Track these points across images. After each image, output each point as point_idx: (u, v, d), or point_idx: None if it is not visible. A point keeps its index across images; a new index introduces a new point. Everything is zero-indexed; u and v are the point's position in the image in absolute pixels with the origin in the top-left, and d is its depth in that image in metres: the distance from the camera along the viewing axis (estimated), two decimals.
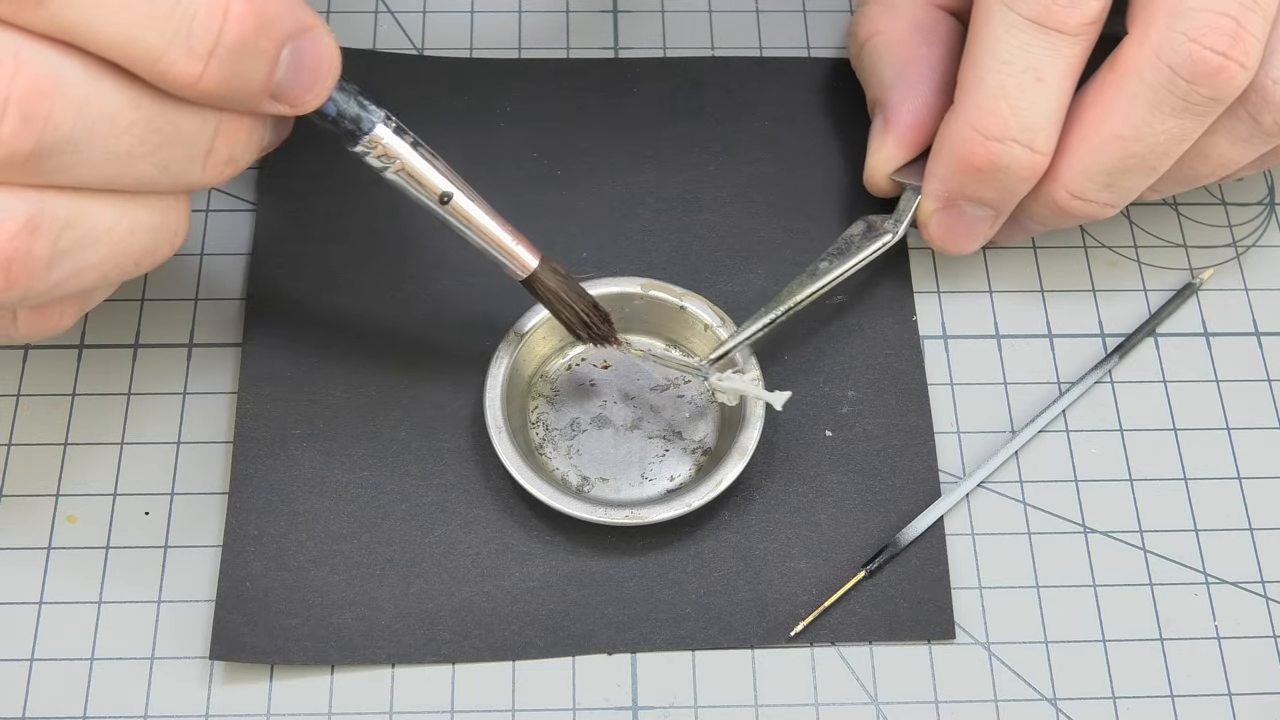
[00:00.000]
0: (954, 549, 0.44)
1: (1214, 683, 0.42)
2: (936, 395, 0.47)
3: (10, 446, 0.45)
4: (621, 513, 0.42)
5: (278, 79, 0.34)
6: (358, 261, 0.48)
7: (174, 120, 0.34)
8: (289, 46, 0.34)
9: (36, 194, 0.33)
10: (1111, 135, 0.42)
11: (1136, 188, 0.44)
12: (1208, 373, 0.48)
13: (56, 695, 0.41)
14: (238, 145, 0.35)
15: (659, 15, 0.54)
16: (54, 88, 0.32)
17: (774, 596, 0.43)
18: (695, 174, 0.50)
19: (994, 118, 0.42)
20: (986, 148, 0.43)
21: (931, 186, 0.45)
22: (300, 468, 0.44)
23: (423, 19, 0.54)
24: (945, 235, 0.46)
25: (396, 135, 0.38)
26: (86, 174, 0.33)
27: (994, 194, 0.44)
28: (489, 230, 0.40)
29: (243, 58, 0.33)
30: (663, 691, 0.42)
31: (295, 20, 0.34)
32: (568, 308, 0.42)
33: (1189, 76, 0.40)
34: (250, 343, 0.46)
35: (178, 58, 0.32)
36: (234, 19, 0.32)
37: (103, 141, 0.33)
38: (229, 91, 0.33)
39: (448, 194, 0.39)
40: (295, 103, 0.35)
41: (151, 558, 0.43)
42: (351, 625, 0.42)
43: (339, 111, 0.37)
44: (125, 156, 0.33)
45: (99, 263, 0.35)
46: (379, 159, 0.38)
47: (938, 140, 0.45)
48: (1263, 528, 0.45)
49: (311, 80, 0.35)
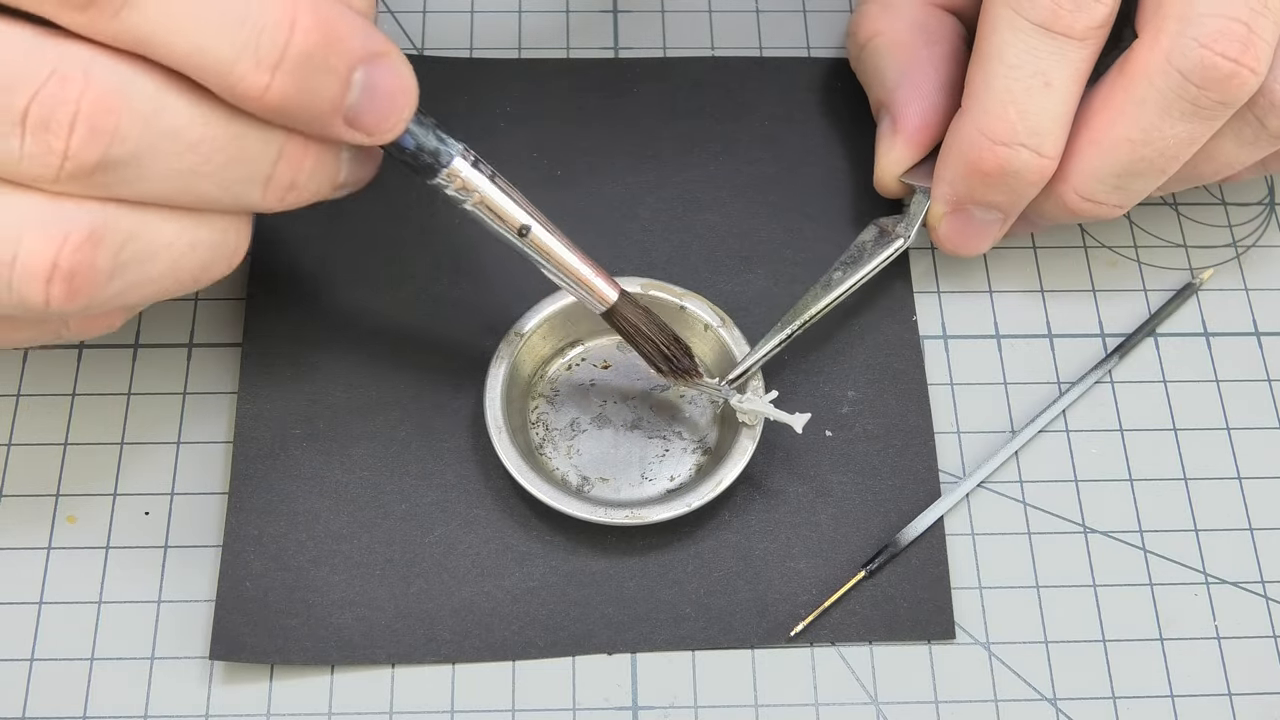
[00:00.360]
0: (954, 549, 0.44)
1: (1214, 683, 0.42)
2: (936, 395, 0.47)
3: (10, 446, 0.45)
4: (621, 513, 0.42)
5: (350, 102, 0.34)
6: (358, 261, 0.48)
7: (239, 139, 0.34)
8: (361, 69, 0.34)
9: (100, 206, 0.34)
10: (1121, 139, 0.42)
11: (1145, 189, 0.44)
12: (1208, 373, 0.48)
13: (56, 695, 0.41)
14: (301, 172, 0.36)
15: (659, 15, 0.54)
16: (122, 102, 0.32)
17: (774, 596, 0.43)
18: (695, 174, 0.50)
19: (1002, 123, 0.42)
20: (995, 153, 0.43)
21: (940, 190, 0.45)
22: (300, 468, 0.44)
23: (423, 19, 0.54)
24: (955, 238, 0.46)
25: (475, 169, 0.39)
26: (150, 189, 0.34)
27: (1002, 198, 0.44)
28: (568, 263, 0.41)
29: (310, 72, 0.33)
30: (663, 691, 0.42)
31: (366, 44, 0.34)
32: (648, 341, 0.42)
33: (1199, 82, 0.40)
34: (250, 343, 0.46)
35: (246, 69, 0.33)
36: (300, 31, 0.33)
37: (167, 157, 0.33)
38: (296, 106, 0.34)
39: (526, 227, 0.40)
40: (371, 130, 0.35)
41: (151, 558, 0.43)
42: (351, 625, 0.42)
43: (418, 145, 0.37)
44: (189, 174, 0.34)
45: (158, 277, 0.35)
46: (457, 192, 0.39)
47: (946, 144, 0.45)
48: (1263, 528, 0.45)
49: (387, 108, 0.35)
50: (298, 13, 0.33)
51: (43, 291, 0.33)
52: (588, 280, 0.41)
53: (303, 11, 0.33)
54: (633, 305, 0.42)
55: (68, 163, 0.32)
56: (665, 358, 0.43)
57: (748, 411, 0.43)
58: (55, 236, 0.33)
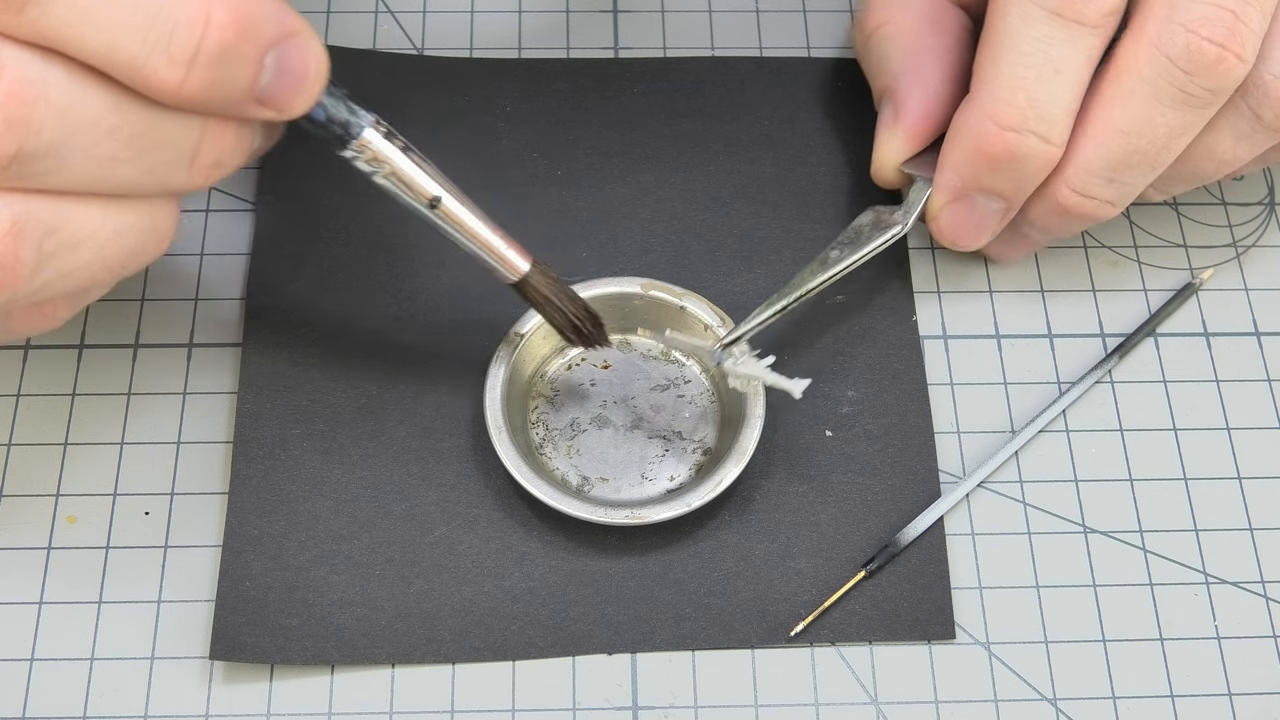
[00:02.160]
0: (954, 549, 0.44)
1: (1214, 683, 0.42)
2: (936, 395, 0.47)
3: (10, 446, 0.45)
4: (621, 513, 0.42)
5: (262, 85, 0.34)
6: (358, 261, 0.48)
7: (158, 125, 0.34)
8: (273, 52, 0.34)
9: (20, 198, 0.33)
10: (1114, 130, 0.42)
11: (1138, 184, 0.44)
12: (1208, 373, 0.48)
13: (56, 695, 0.41)
14: (224, 150, 0.36)
15: (659, 15, 0.54)
16: (37, 94, 0.32)
17: (774, 596, 0.43)
18: (695, 174, 0.50)
19: (1011, 108, 0.42)
20: (1003, 138, 0.42)
21: (944, 177, 0.45)
22: (300, 468, 0.44)
23: (423, 19, 0.54)
24: (955, 228, 0.46)
25: (386, 139, 0.38)
26: (70, 178, 0.34)
27: (1008, 185, 0.44)
28: (479, 234, 0.40)
29: (225, 65, 0.33)
30: (663, 691, 0.42)
31: (279, 26, 0.34)
32: (558, 311, 0.42)
33: (1186, 67, 0.40)
34: (250, 343, 0.46)
35: (159, 65, 0.32)
36: (215, 27, 0.32)
37: (86, 147, 0.33)
38: (212, 98, 0.34)
39: (436, 198, 0.39)
40: (282, 108, 0.35)
41: (151, 558, 0.43)
42: (351, 625, 0.42)
43: (328, 116, 0.37)
44: (109, 161, 0.34)
45: (85, 265, 0.35)
46: (368, 163, 0.38)
47: (952, 131, 0.45)
48: (1263, 528, 0.45)
49: (298, 85, 0.35)
50: (212, 7, 0.32)
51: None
52: (499, 251, 0.41)
53: (217, 5, 0.33)
54: (544, 276, 0.42)
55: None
56: (574, 328, 0.43)
57: (742, 375, 0.43)
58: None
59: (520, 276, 0.41)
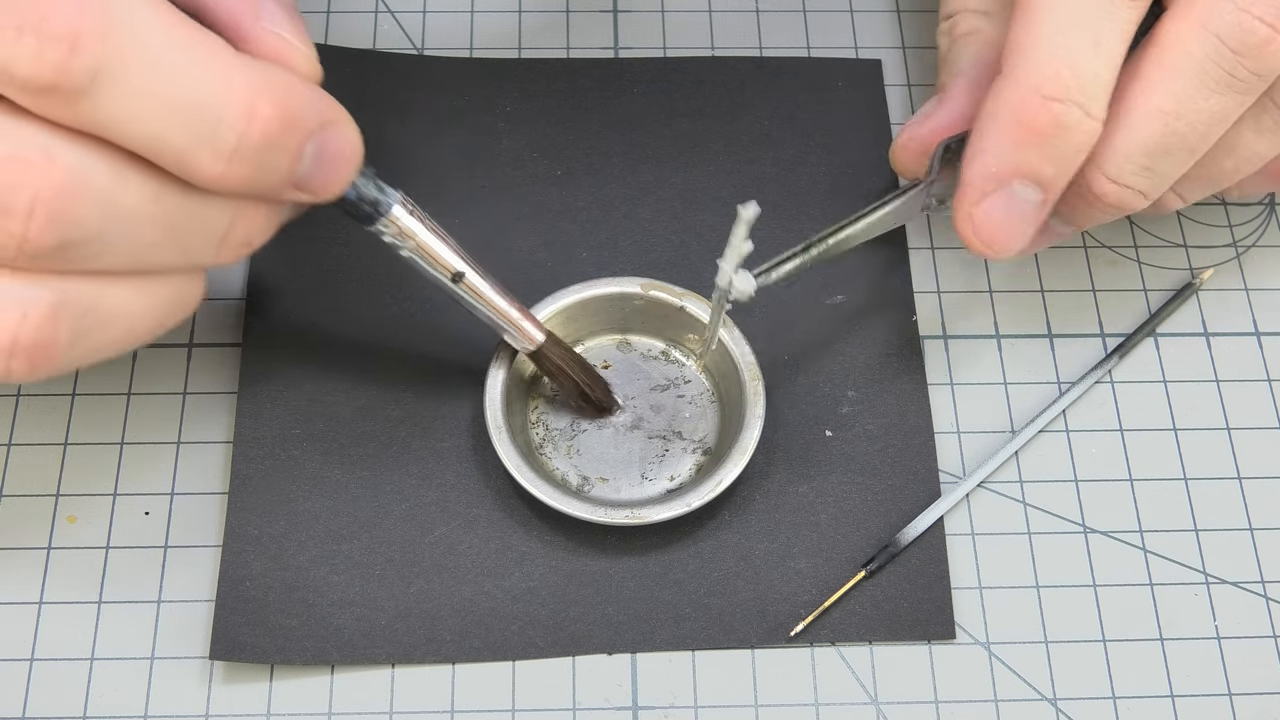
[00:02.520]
0: (954, 549, 0.44)
1: (1214, 683, 0.42)
2: (936, 395, 0.47)
3: (10, 446, 0.45)
4: (622, 513, 0.42)
5: (300, 172, 0.35)
6: (358, 261, 0.48)
7: (195, 212, 0.35)
8: (313, 141, 0.35)
9: (59, 280, 0.34)
10: (1154, 110, 0.41)
11: (1172, 174, 0.42)
12: (1208, 373, 0.48)
13: (56, 695, 0.41)
14: (254, 230, 0.36)
15: (659, 15, 0.54)
16: (81, 187, 0.33)
17: (774, 596, 0.43)
18: (695, 174, 0.50)
19: (1055, 79, 0.40)
20: (1049, 108, 0.40)
21: (980, 166, 0.42)
22: (300, 468, 0.44)
23: (423, 19, 0.54)
24: (992, 227, 0.42)
25: (413, 217, 0.39)
26: (109, 262, 0.34)
27: (1049, 167, 0.41)
28: (499, 307, 0.42)
29: (267, 155, 0.34)
30: (663, 691, 0.42)
31: (319, 116, 0.35)
32: (570, 380, 0.44)
33: (1236, 47, 0.39)
34: (250, 343, 0.46)
35: (203, 156, 0.33)
36: (260, 121, 0.33)
37: (125, 234, 0.34)
38: (252, 187, 0.34)
39: (460, 273, 0.41)
40: (319, 193, 0.36)
41: (151, 558, 0.43)
42: (351, 625, 0.42)
43: (359, 196, 0.38)
44: (146, 246, 0.34)
45: (116, 340, 0.36)
46: (395, 238, 0.40)
47: (987, 113, 0.42)
48: (1263, 528, 0.45)
49: (334, 172, 0.36)
50: (257, 101, 0.33)
51: (3, 365, 0.34)
52: (516, 323, 0.42)
53: (262, 100, 0.33)
54: (557, 345, 0.43)
55: (26, 245, 0.32)
56: (584, 395, 0.44)
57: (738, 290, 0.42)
58: (14, 314, 0.33)
59: (536, 346, 0.43)
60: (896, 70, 0.53)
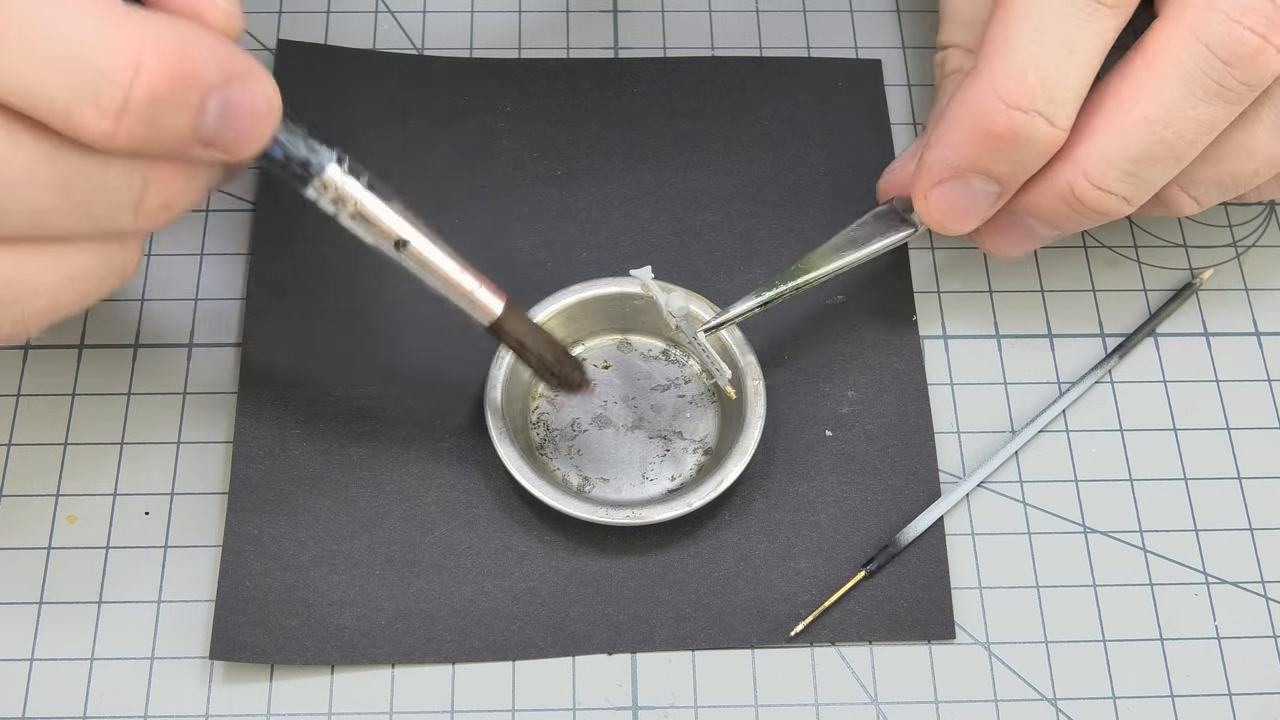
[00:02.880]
0: (954, 549, 0.44)
1: (1214, 683, 0.42)
2: (936, 395, 0.47)
3: (10, 446, 0.45)
4: (622, 513, 0.42)
5: (207, 129, 0.33)
6: (358, 261, 0.48)
7: (94, 174, 0.33)
8: (217, 96, 0.33)
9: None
10: (1141, 119, 0.41)
11: (1157, 182, 0.42)
12: (1208, 373, 0.48)
13: (56, 695, 0.41)
14: (171, 193, 0.34)
15: (659, 15, 0.54)
16: None
17: (774, 596, 0.43)
18: (695, 174, 0.50)
19: (1021, 86, 0.40)
20: (1009, 117, 0.41)
21: (939, 154, 0.43)
22: (300, 468, 0.44)
23: (423, 19, 0.54)
24: (945, 209, 0.44)
25: (349, 175, 0.36)
26: (9, 228, 0.33)
27: (1005, 168, 0.42)
28: (449, 276, 0.39)
29: (159, 112, 0.32)
30: (663, 691, 0.42)
31: (221, 70, 0.33)
32: (534, 355, 0.42)
33: (1225, 57, 0.39)
34: (250, 343, 0.46)
35: (87, 114, 0.31)
36: (145, 75, 0.31)
37: (21, 199, 0.32)
38: (148, 145, 0.32)
39: (403, 240, 0.38)
40: (231, 151, 0.34)
41: (151, 558, 0.43)
42: (351, 625, 0.42)
43: (286, 155, 0.36)
44: (48, 213, 0.33)
45: (42, 311, 0.34)
46: (332, 203, 0.37)
47: (953, 106, 0.43)
48: (1263, 528, 0.45)
49: (247, 129, 0.34)
50: (144, 55, 0.31)
51: None
52: (470, 294, 0.39)
53: (150, 53, 0.31)
54: (519, 319, 0.41)
55: None
56: (550, 372, 0.42)
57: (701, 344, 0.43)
58: None
59: (492, 320, 0.40)
60: (896, 70, 0.53)
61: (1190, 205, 0.44)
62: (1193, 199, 0.44)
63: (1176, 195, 0.44)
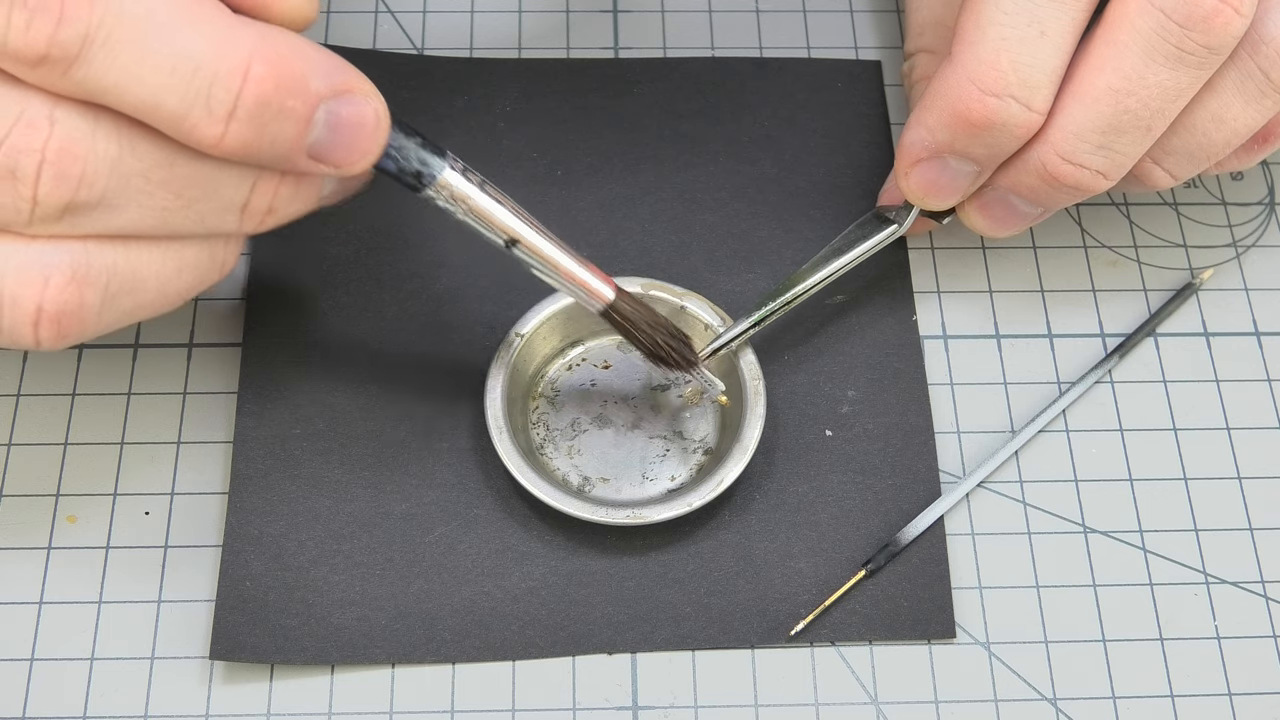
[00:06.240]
0: (954, 549, 0.44)
1: (1214, 683, 0.42)
2: (936, 395, 0.47)
3: (10, 446, 0.45)
4: (622, 513, 0.42)
5: (313, 140, 0.35)
6: (358, 261, 0.48)
7: (206, 177, 0.35)
8: (324, 107, 0.34)
9: (80, 244, 0.34)
10: (1104, 89, 0.40)
11: (1131, 153, 0.42)
12: (1208, 373, 0.48)
13: (56, 695, 0.41)
14: (278, 199, 0.36)
15: (659, 15, 0.54)
16: (86, 148, 0.33)
17: (774, 596, 0.43)
18: (695, 174, 0.50)
19: (994, 71, 0.40)
20: (984, 103, 0.41)
21: (917, 135, 0.43)
22: (300, 468, 0.44)
23: (423, 19, 0.54)
24: (925, 187, 0.44)
25: (464, 178, 0.39)
26: (125, 225, 0.34)
27: (982, 151, 0.42)
28: (562, 266, 0.41)
29: (267, 119, 0.33)
30: (663, 691, 0.42)
31: (328, 82, 0.34)
32: (645, 336, 0.43)
33: (1181, 20, 0.39)
34: (250, 343, 0.46)
35: (199, 119, 0.33)
36: (254, 80, 0.33)
37: (137, 197, 0.34)
38: (255, 151, 0.34)
39: (516, 235, 0.40)
40: (340, 164, 0.36)
41: (151, 558, 0.43)
42: (351, 625, 0.42)
43: (399, 167, 0.38)
44: (161, 210, 0.35)
45: (149, 303, 0.36)
46: (447, 202, 0.39)
47: (930, 91, 0.43)
48: (1263, 528, 0.45)
49: (353, 143, 0.35)
50: (252, 61, 0.33)
51: (32, 333, 0.34)
52: (584, 281, 0.41)
53: (258, 59, 0.33)
54: (630, 302, 0.42)
55: (37, 208, 0.33)
56: (665, 352, 0.43)
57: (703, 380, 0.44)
58: (35, 280, 0.34)
59: (605, 305, 0.42)
60: (896, 71, 0.53)
61: (1164, 178, 0.44)
62: (1166, 171, 0.44)
63: (1150, 169, 0.44)
